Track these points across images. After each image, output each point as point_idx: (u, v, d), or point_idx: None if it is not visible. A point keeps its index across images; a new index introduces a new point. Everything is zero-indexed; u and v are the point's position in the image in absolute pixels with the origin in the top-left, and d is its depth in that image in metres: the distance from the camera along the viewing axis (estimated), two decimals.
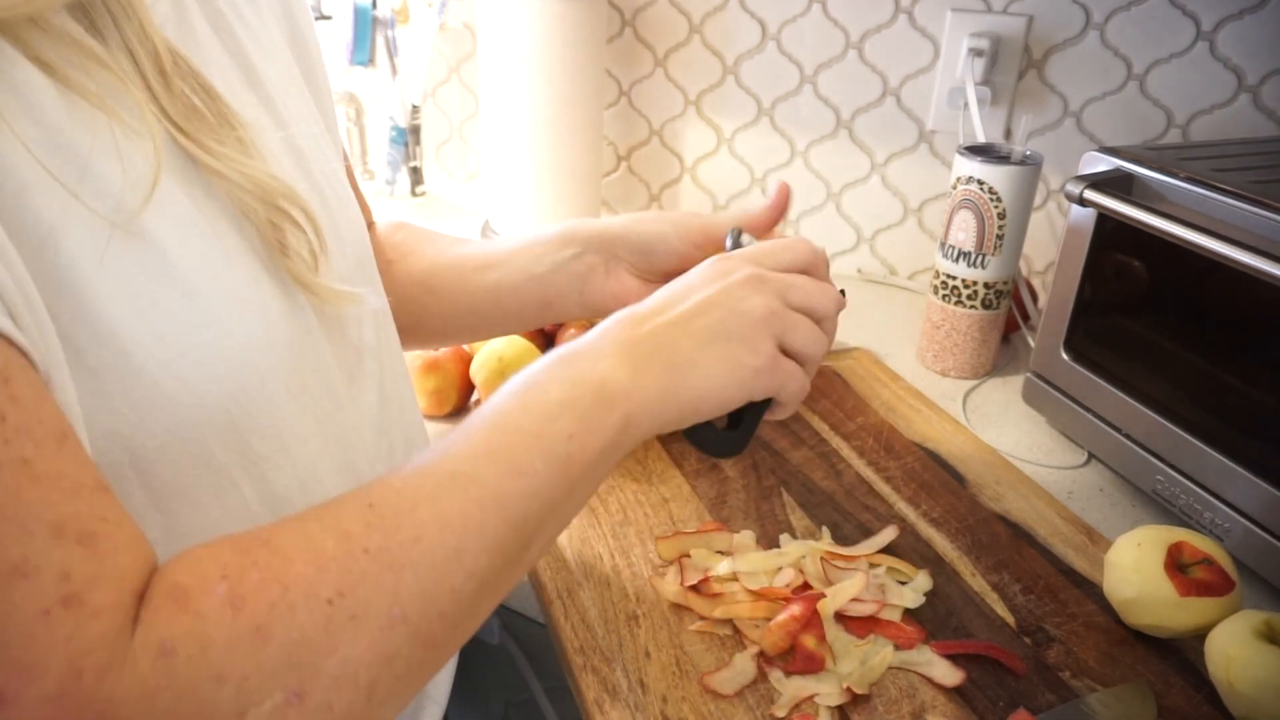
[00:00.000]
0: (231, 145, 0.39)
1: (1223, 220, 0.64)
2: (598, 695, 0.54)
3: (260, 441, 0.40)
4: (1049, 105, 1.00)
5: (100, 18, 0.35)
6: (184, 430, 0.36)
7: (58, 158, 0.32)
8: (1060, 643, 0.58)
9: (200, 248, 0.37)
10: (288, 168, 0.45)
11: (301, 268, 0.42)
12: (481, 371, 0.78)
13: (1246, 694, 0.51)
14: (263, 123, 0.44)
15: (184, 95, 0.38)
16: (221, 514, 0.39)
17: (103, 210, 0.33)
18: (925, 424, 0.82)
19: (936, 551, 0.66)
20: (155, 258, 0.35)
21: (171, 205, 0.36)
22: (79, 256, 0.32)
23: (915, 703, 0.54)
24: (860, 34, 1.06)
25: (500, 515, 0.37)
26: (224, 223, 0.39)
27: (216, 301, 0.37)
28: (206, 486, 0.38)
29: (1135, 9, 0.92)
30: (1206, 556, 0.57)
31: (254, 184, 0.39)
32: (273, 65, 0.47)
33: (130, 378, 0.34)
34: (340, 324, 0.47)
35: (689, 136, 1.21)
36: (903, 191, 1.12)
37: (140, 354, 0.34)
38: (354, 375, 0.48)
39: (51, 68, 0.33)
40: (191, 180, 0.38)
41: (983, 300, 0.88)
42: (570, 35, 1.05)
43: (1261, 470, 0.63)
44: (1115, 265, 0.75)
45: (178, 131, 0.37)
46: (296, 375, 0.42)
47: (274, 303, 0.40)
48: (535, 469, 0.38)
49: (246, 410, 0.38)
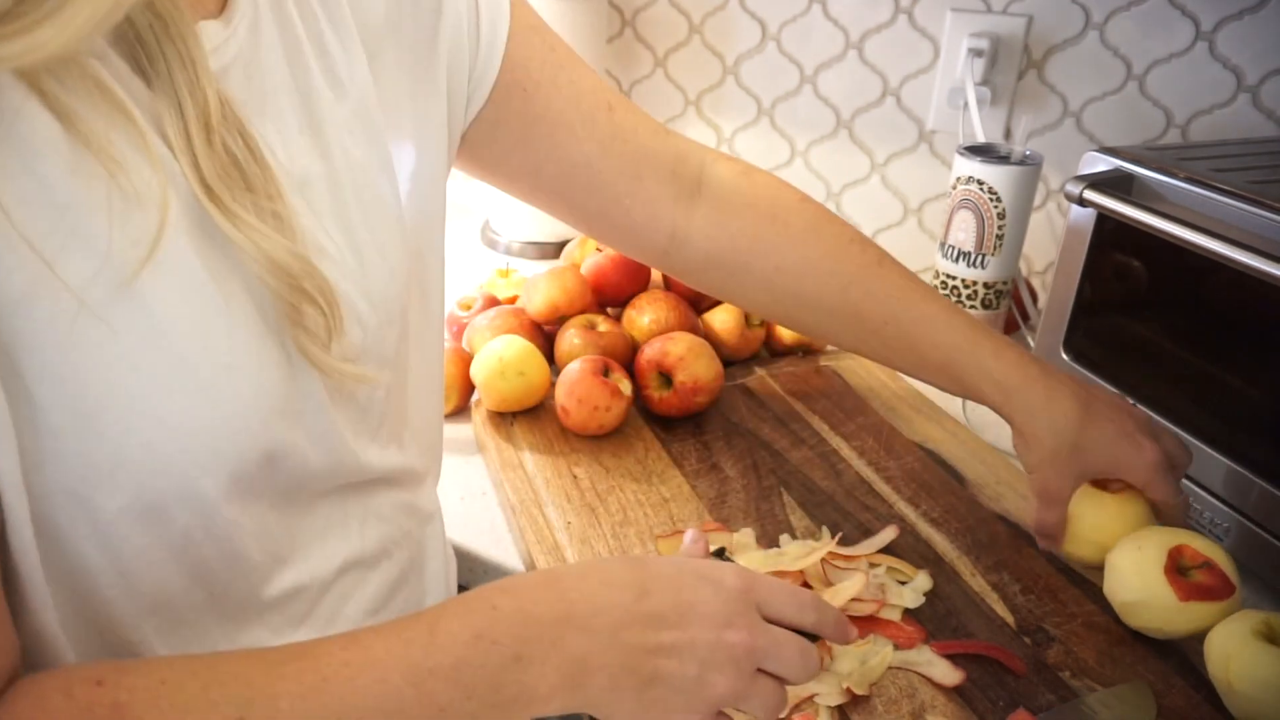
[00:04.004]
0: (264, 215, 0.37)
1: (1222, 220, 0.64)
2: None
3: (229, 506, 0.38)
4: (1049, 105, 1.00)
5: (155, 62, 0.34)
6: (145, 495, 0.35)
7: (48, 216, 0.31)
8: (1060, 642, 0.58)
9: (199, 312, 0.35)
10: (327, 226, 0.42)
11: (311, 343, 0.40)
12: (482, 371, 0.78)
13: (1246, 694, 0.51)
14: (313, 172, 0.42)
15: (223, 153, 0.36)
16: (182, 573, 0.38)
17: (82, 277, 0.32)
18: (925, 424, 0.82)
19: (936, 551, 0.66)
20: (144, 321, 0.34)
21: (179, 264, 0.35)
22: (55, 320, 0.31)
23: (915, 703, 0.54)
24: (860, 34, 1.06)
25: None
26: (235, 284, 0.37)
27: (205, 368, 0.35)
28: (165, 547, 0.37)
29: (1135, 9, 0.92)
30: (1207, 560, 0.57)
31: (273, 262, 0.37)
32: (344, 105, 0.44)
33: (90, 440, 0.33)
34: (351, 392, 0.45)
35: (689, 136, 1.21)
36: (903, 191, 1.12)
37: (107, 419, 0.33)
38: (359, 431, 0.47)
39: (69, 118, 0.31)
40: (209, 236, 0.36)
41: (983, 300, 0.88)
42: (570, 35, 1.04)
43: (1261, 470, 0.63)
44: (1115, 265, 0.75)
45: (204, 191, 0.36)
46: (285, 447, 0.40)
47: (273, 370, 0.39)
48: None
49: (218, 480, 0.37)
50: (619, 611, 0.39)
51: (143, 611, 0.38)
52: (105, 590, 0.36)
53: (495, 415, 0.80)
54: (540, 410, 0.81)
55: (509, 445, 0.76)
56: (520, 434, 0.78)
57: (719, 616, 0.40)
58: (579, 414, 0.75)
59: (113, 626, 0.38)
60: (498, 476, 0.73)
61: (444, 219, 0.54)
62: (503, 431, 0.78)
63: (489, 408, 0.80)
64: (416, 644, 0.36)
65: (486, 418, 0.80)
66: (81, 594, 0.36)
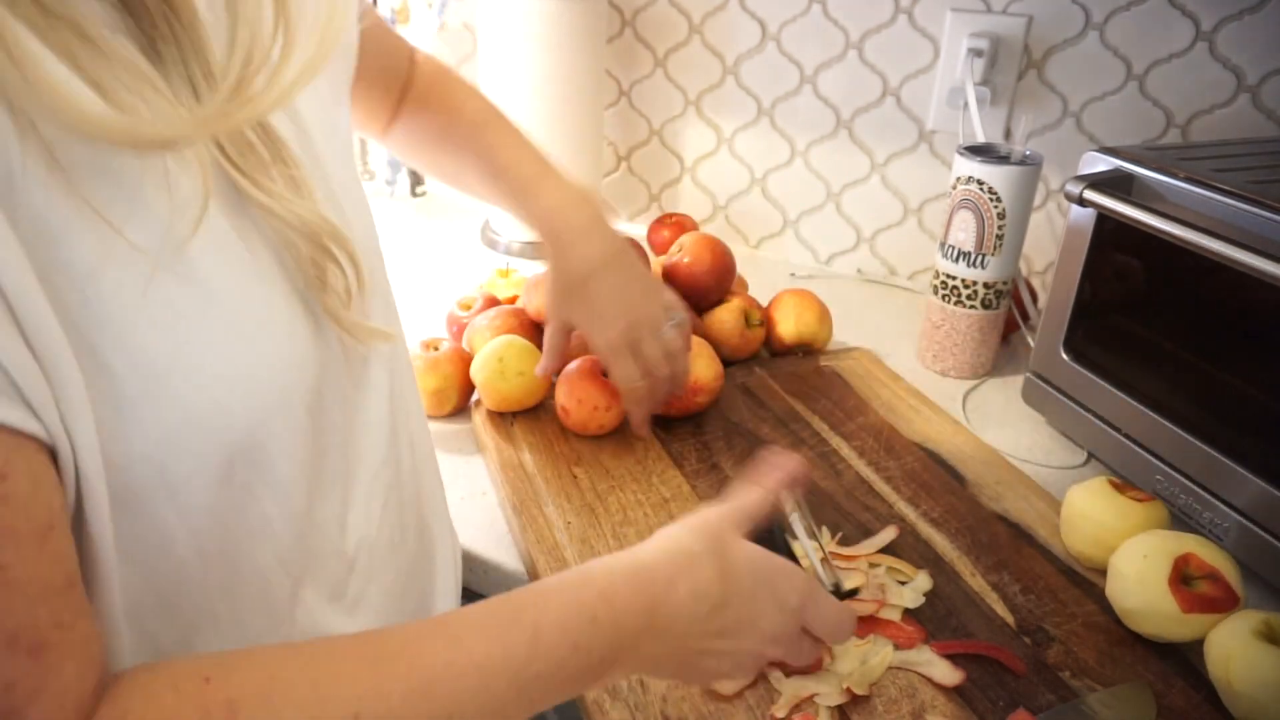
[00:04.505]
0: (284, 183, 0.40)
1: (1223, 220, 0.64)
2: (598, 695, 0.54)
3: (281, 458, 0.40)
4: (1049, 105, 1.00)
5: (166, 49, 0.35)
6: (213, 453, 0.36)
7: (105, 183, 0.32)
8: (1060, 642, 0.58)
9: (241, 276, 0.37)
10: (327, 205, 0.45)
11: (336, 304, 0.42)
12: (481, 371, 0.78)
13: (1246, 694, 0.51)
14: (288, 135, 0.44)
15: (240, 130, 0.38)
16: (245, 533, 0.40)
17: (148, 241, 0.33)
18: (925, 424, 0.82)
19: (936, 551, 0.66)
20: (198, 286, 0.35)
21: (217, 233, 0.37)
22: (123, 287, 0.33)
23: (915, 702, 0.54)
24: (860, 34, 1.06)
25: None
26: (265, 253, 0.39)
27: (252, 328, 0.38)
28: (230, 505, 0.38)
29: (1135, 9, 0.92)
30: (1213, 571, 0.56)
31: (302, 223, 0.39)
32: (307, 101, 0.47)
33: (165, 403, 0.34)
34: (359, 350, 0.48)
35: (689, 136, 1.21)
36: (903, 191, 1.12)
37: (176, 380, 0.34)
38: (360, 383, 0.49)
39: (105, 90, 0.32)
40: (237, 210, 0.38)
41: (982, 300, 0.88)
42: (570, 35, 1.05)
43: (1261, 470, 0.63)
44: (1115, 265, 0.75)
45: (230, 165, 0.37)
46: (316, 393, 0.42)
47: (303, 327, 0.41)
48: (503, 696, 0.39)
49: (271, 430, 0.39)
50: (694, 624, 0.44)
51: (216, 587, 0.39)
52: (182, 556, 0.37)
53: (495, 415, 0.80)
54: (540, 410, 0.81)
55: (509, 445, 0.76)
56: (520, 434, 0.78)
57: (770, 633, 0.46)
58: (579, 414, 0.75)
59: (181, 606, 0.39)
60: (498, 476, 0.73)
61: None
62: (503, 431, 0.78)
63: (489, 408, 0.80)
64: (518, 652, 0.39)
65: (486, 418, 0.80)
66: (159, 570, 0.37)
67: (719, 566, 0.45)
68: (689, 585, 0.44)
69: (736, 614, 0.45)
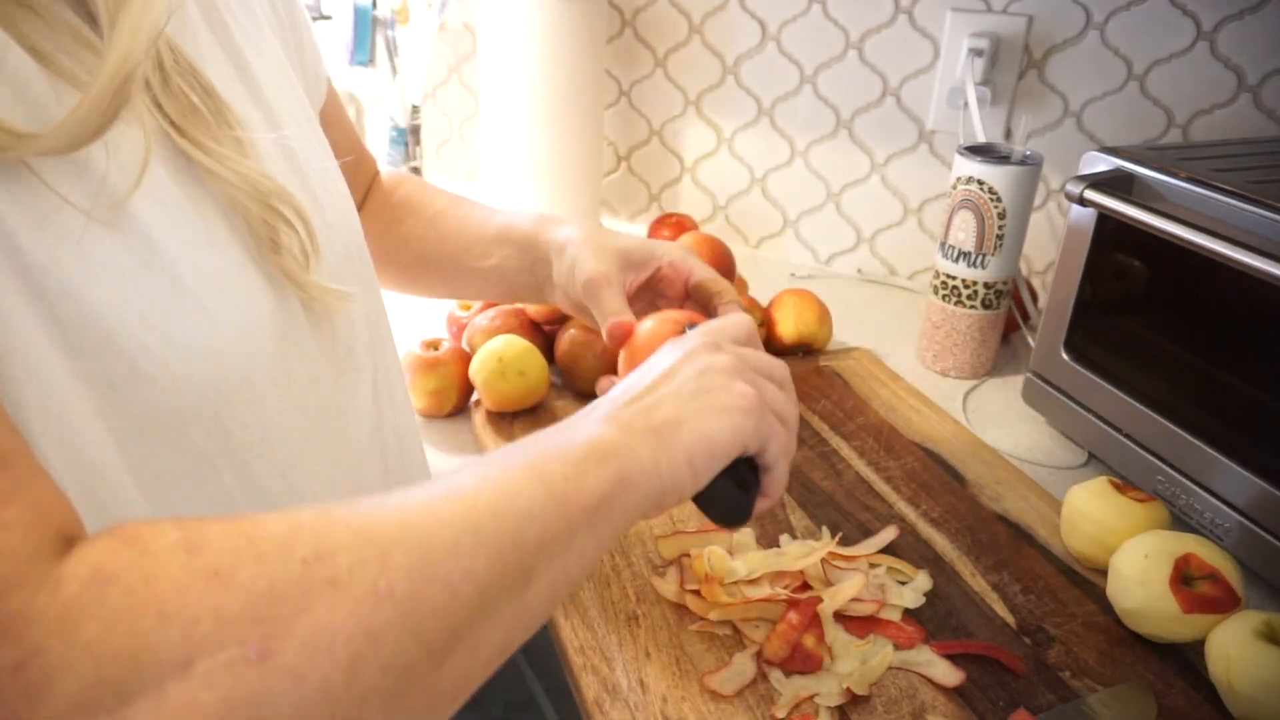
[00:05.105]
0: (228, 145, 0.40)
1: (1223, 220, 0.64)
2: (598, 695, 0.53)
3: (241, 430, 0.40)
4: (1049, 105, 1.00)
5: (100, 12, 0.36)
6: (163, 415, 0.36)
7: None
8: (1060, 643, 0.58)
9: (187, 235, 0.38)
10: (281, 167, 0.45)
11: (292, 265, 0.42)
12: (481, 372, 0.78)
13: (1246, 694, 0.51)
14: (255, 119, 0.45)
15: (182, 93, 0.39)
16: (204, 501, 0.39)
17: (83, 198, 0.34)
18: (925, 424, 0.82)
19: (936, 551, 0.66)
20: (140, 242, 0.36)
21: (161, 192, 0.37)
22: (62, 241, 0.33)
23: (915, 703, 0.54)
24: (860, 34, 1.06)
25: (496, 525, 0.35)
26: (214, 214, 0.39)
27: (201, 289, 0.37)
28: (188, 473, 0.38)
29: (1135, 9, 0.92)
30: (1214, 571, 0.56)
31: (248, 183, 0.40)
32: (264, 62, 0.47)
33: (110, 357, 0.34)
34: (330, 321, 0.48)
35: (689, 136, 1.21)
36: (903, 191, 1.12)
37: (122, 335, 0.35)
38: (343, 371, 0.49)
39: (44, 56, 0.33)
40: (183, 171, 0.39)
41: (983, 300, 0.88)
42: (570, 35, 1.05)
43: (1261, 470, 0.63)
44: (1115, 265, 0.75)
45: (173, 129, 0.38)
46: (282, 367, 0.42)
47: (260, 295, 0.41)
48: (530, 495, 0.36)
49: (227, 398, 0.39)
50: (604, 404, 0.45)
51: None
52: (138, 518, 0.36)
53: (495, 415, 0.80)
54: (540, 410, 0.81)
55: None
56: (520, 434, 0.78)
57: (669, 349, 0.48)
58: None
59: None
60: None
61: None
62: (503, 431, 0.78)
63: (489, 408, 0.80)
64: (532, 480, 0.38)
65: (486, 418, 0.79)
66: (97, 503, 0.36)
67: (693, 363, 0.46)
68: (609, 395, 0.46)
69: (667, 364, 0.46)
